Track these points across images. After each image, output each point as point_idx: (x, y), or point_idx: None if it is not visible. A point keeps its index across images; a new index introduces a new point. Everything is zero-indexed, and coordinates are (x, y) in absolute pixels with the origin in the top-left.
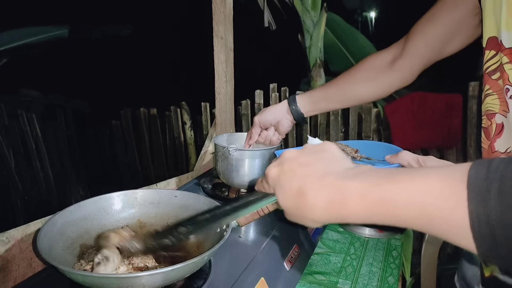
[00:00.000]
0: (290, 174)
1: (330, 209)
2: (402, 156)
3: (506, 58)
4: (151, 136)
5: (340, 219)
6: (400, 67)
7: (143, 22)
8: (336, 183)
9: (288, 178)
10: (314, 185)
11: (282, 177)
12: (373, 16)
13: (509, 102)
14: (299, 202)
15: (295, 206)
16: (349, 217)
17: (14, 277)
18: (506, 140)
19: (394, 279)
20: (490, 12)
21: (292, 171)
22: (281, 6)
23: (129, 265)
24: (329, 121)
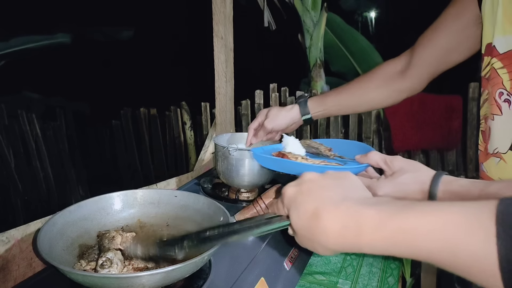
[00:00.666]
0: (308, 195)
1: (345, 236)
2: (371, 156)
3: (499, 63)
4: (151, 136)
5: (355, 248)
6: (409, 76)
7: (143, 23)
8: (353, 209)
9: (305, 198)
10: (331, 208)
11: (299, 196)
12: (373, 16)
13: (502, 106)
14: (313, 224)
15: (308, 229)
16: (365, 246)
17: (14, 277)
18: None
19: (394, 280)
20: (488, 19)
21: (310, 191)
22: (281, 6)
23: (129, 265)
24: (329, 121)
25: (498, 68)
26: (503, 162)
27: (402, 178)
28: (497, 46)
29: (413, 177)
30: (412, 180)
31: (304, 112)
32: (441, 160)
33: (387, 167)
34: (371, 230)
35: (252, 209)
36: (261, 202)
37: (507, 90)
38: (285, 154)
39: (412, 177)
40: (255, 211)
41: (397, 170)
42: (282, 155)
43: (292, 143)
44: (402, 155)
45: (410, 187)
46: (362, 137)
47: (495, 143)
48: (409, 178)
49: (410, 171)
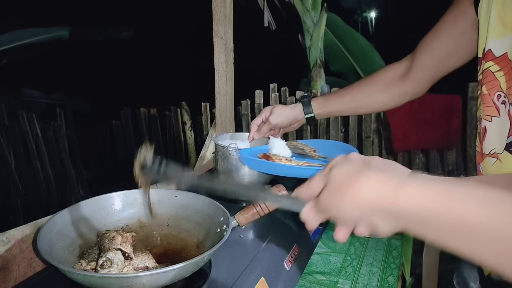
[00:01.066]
0: (354, 163)
1: (382, 192)
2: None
3: (496, 66)
4: (151, 136)
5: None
6: (410, 80)
7: (143, 22)
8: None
9: (352, 162)
10: (376, 170)
11: (344, 161)
12: (373, 16)
13: (500, 107)
14: (352, 177)
15: (345, 181)
16: (401, 209)
17: (14, 277)
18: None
19: (394, 279)
20: (483, 23)
21: (356, 162)
22: (281, 6)
23: (129, 265)
24: (329, 121)
25: (495, 71)
26: (498, 162)
27: None
28: (492, 50)
29: None
30: None
31: (307, 111)
32: (441, 159)
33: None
34: (412, 190)
35: (252, 209)
36: (261, 202)
37: (504, 92)
38: (270, 156)
39: None
40: (255, 211)
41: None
42: (267, 157)
43: (278, 145)
44: (402, 154)
45: None
46: (362, 137)
47: (491, 144)
48: None
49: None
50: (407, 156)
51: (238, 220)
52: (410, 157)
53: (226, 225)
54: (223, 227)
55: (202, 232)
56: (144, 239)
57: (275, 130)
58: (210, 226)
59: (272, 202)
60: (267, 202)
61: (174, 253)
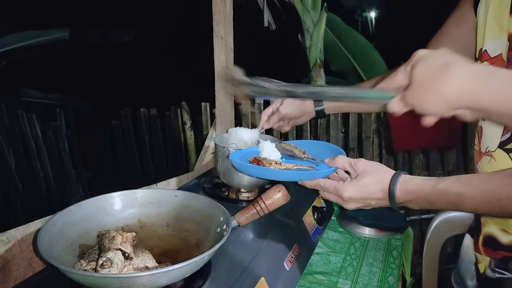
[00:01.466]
0: (440, 55)
1: (472, 81)
2: (337, 160)
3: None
4: (151, 136)
5: (476, 93)
6: None
7: (143, 22)
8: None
9: (437, 55)
10: (463, 62)
11: (431, 54)
12: (373, 16)
13: None
14: (440, 72)
15: (432, 76)
16: (487, 97)
17: (15, 277)
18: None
19: (394, 279)
20: (481, 25)
21: (444, 55)
22: (281, 6)
23: (129, 265)
24: (329, 121)
25: None
26: (493, 161)
27: (364, 180)
28: (488, 50)
29: (374, 178)
30: (373, 181)
31: (318, 104)
32: (441, 159)
33: (352, 170)
34: (501, 80)
35: (252, 209)
36: (261, 202)
37: None
38: (260, 160)
39: (373, 179)
40: (255, 211)
41: (360, 172)
42: (257, 161)
43: (268, 147)
44: (402, 154)
45: (372, 188)
46: (362, 137)
47: (486, 142)
48: (370, 180)
49: (371, 173)
50: (407, 156)
51: (238, 220)
52: (410, 157)
53: (226, 225)
54: (223, 227)
55: (202, 232)
56: (144, 239)
57: (284, 121)
58: (210, 226)
59: (360, 96)
60: (355, 96)
61: (174, 253)
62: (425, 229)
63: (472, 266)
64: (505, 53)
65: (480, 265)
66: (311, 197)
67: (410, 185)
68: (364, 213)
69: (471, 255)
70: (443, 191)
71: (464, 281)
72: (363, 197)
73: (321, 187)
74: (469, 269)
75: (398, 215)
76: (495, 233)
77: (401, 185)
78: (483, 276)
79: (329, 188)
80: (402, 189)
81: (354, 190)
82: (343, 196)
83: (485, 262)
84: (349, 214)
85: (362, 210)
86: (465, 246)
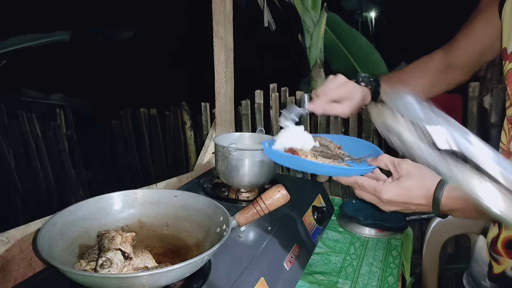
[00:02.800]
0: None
1: None
2: (381, 159)
3: None
4: (151, 136)
5: None
6: (449, 75)
7: (143, 22)
8: None
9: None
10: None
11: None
12: (373, 16)
13: None
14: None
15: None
16: None
17: (14, 277)
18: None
19: (394, 279)
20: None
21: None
22: (281, 6)
23: (129, 266)
24: (329, 121)
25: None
26: None
27: (408, 183)
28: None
29: (419, 182)
30: (417, 186)
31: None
32: None
33: (395, 170)
34: None
35: (252, 209)
36: (261, 202)
37: None
38: (295, 150)
39: (417, 183)
40: (255, 211)
41: (404, 174)
42: (293, 152)
43: (304, 136)
44: (402, 155)
45: (415, 192)
46: (362, 137)
47: None
48: (414, 183)
49: (416, 176)
50: None
51: (238, 220)
52: None
53: (226, 225)
54: (223, 227)
55: (202, 232)
56: (144, 239)
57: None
58: (210, 226)
59: None
60: None
61: (174, 253)
62: (425, 229)
63: (485, 267)
64: None
65: (498, 266)
66: (311, 197)
67: (459, 192)
68: (364, 213)
69: (485, 256)
70: None
71: (477, 282)
72: (404, 201)
73: (359, 185)
74: (482, 269)
75: (397, 215)
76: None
77: (448, 192)
78: (501, 276)
79: (367, 187)
80: (449, 197)
81: (395, 193)
82: (382, 198)
83: (507, 264)
84: (349, 214)
85: (362, 210)
86: (479, 247)
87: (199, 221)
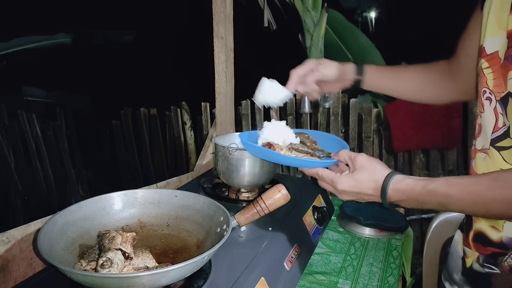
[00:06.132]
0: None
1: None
2: (340, 154)
3: (486, 63)
4: (151, 136)
5: None
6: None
7: (143, 23)
8: None
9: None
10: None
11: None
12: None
13: (484, 104)
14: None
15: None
16: None
17: (14, 277)
18: (481, 139)
19: (395, 279)
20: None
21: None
22: (281, 6)
23: (129, 265)
24: (329, 121)
25: (484, 68)
26: (487, 158)
27: (360, 175)
28: (485, 47)
29: (369, 176)
30: (367, 178)
31: (360, 72)
32: (441, 159)
33: (351, 164)
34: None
35: (252, 209)
36: (261, 202)
37: (490, 89)
38: (272, 145)
39: (368, 176)
40: (255, 211)
41: (358, 167)
42: (269, 146)
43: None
44: (402, 154)
45: (365, 184)
46: (362, 137)
47: (483, 139)
48: (365, 176)
49: (367, 170)
50: (407, 156)
51: (238, 220)
52: (410, 157)
53: (226, 225)
54: (223, 227)
55: (202, 232)
56: (144, 239)
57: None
58: (210, 226)
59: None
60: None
61: (174, 253)
62: (425, 229)
63: (459, 260)
64: (501, 50)
65: (468, 259)
66: (311, 197)
67: (401, 185)
68: (364, 213)
69: (459, 250)
70: (432, 192)
71: (451, 275)
72: (357, 191)
73: (319, 176)
74: (456, 263)
75: (398, 215)
76: (485, 230)
77: (393, 185)
78: (469, 270)
79: (326, 178)
80: (394, 189)
81: (349, 184)
82: (338, 188)
83: (473, 257)
84: (349, 214)
85: (362, 210)
86: (455, 242)
87: (200, 221)
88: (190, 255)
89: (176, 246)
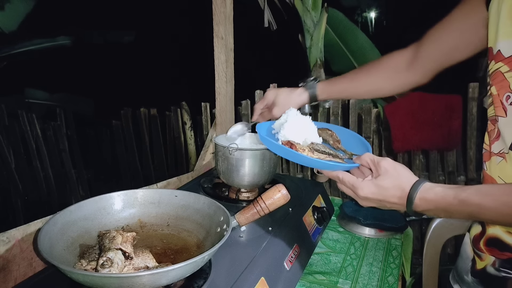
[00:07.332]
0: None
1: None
2: (363, 158)
3: (506, 66)
4: (151, 136)
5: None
6: (415, 69)
7: (143, 23)
8: None
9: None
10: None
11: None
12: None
13: (508, 109)
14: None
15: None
16: None
17: (15, 277)
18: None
19: (394, 279)
20: (493, 22)
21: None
22: (281, 6)
23: (129, 265)
24: (329, 121)
25: (505, 72)
26: (504, 162)
27: (384, 182)
28: (502, 50)
29: (394, 182)
30: (392, 185)
31: (314, 99)
32: (441, 160)
33: (374, 169)
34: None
35: (252, 209)
36: (261, 202)
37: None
38: (293, 144)
39: (393, 182)
40: (255, 211)
41: (382, 173)
42: (290, 145)
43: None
44: (402, 155)
45: (390, 192)
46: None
47: (502, 144)
48: (390, 183)
49: (392, 176)
50: (407, 156)
51: (238, 220)
52: (410, 157)
53: (226, 225)
54: (223, 227)
55: (202, 232)
56: (144, 239)
57: None
58: (210, 226)
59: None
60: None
61: (174, 253)
62: (425, 229)
63: (469, 262)
64: None
65: (481, 262)
66: (311, 197)
67: (430, 195)
68: (364, 213)
69: (469, 252)
70: (463, 202)
71: (461, 276)
72: (379, 199)
73: (340, 179)
74: (466, 265)
75: (398, 215)
76: (500, 235)
77: (421, 194)
78: (481, 272)
79: (347, 183)
80: (421, 198)
81: (371, 191)
82: (359, 194)
83: (488, 261)
84: (349, 214)
85: (362, 210)
86: (464, 244)
87: (200, 221)
88: (190, 255)
89: (176, 246)
